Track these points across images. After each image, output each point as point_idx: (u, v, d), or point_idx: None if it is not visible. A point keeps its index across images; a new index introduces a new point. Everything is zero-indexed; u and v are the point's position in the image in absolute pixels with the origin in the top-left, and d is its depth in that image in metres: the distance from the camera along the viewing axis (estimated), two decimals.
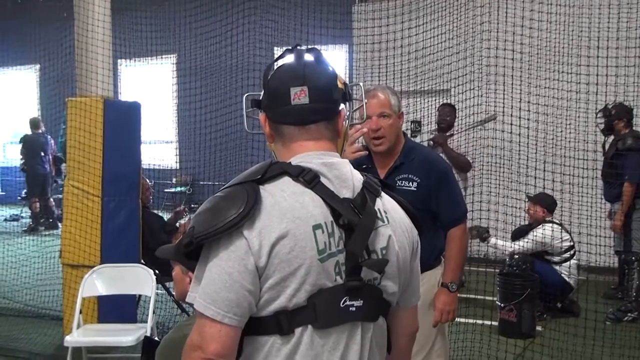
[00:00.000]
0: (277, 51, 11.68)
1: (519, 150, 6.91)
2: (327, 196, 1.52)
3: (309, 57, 1.62)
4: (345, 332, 1.53)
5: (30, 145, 12.10)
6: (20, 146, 12.32)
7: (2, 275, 7.71)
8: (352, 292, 1.51)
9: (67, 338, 4.33)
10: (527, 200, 6.51)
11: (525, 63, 7.32)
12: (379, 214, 1.59)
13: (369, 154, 3.09)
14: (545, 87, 7.33)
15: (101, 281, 4.63)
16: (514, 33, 6.66)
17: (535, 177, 6.31)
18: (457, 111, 7.09)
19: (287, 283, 1.45)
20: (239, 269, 1.43)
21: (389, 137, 3.00)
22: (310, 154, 1.58)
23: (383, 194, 1.65)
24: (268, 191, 1.49)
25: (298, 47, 1.65)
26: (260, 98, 1.65)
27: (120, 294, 4.80)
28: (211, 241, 1.44)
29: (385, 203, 1.65)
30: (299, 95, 1.57)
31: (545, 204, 6.29)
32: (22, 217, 12.88)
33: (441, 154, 6.70)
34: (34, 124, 12.32)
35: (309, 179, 1.52)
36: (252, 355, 1.49)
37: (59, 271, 6.01)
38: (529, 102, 6.82)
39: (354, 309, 1.52)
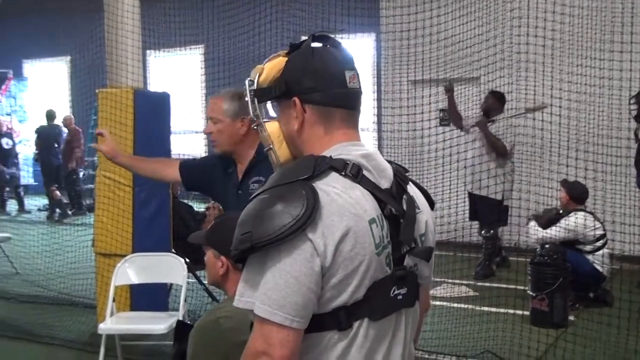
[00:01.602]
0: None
1: (551, 139, 6.82)
2: (373, 189, 1.51)
3: (341, 44, 1.61)
4: (393, 320, 1.55)
5: (45, 137, 12.45)
6: (35, 137, 12.68)
7: (36, 264, 7.84)
8: (399, 281, 1.53)
9: (101, 326, 4.39)
10: (558, 188, 6.43)
11: (556, 50, 7.22)
12: (415, 202, 1.61)
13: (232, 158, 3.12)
14: (577, 74, 7.21)
15: (133, 270, 4.67)
16: (544, 19, 6.55)
17: (567, 166, 6.22)
18: (503, 100, 7.17)
19: (350, 280, 1.44)
20: (306, 271, 1.40)
21: (220, 142, 3.03)
22: (345, 145, 1.56)
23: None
24: (321, 189, 1.45)
25: (327, 34, 1.62)
26: (278, 83, 1.58)
27: (152, 282, 4.85)
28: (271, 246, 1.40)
29: (414, 189, 1.67)
30: (353, 80, 1.57)
31: (574, 191, 6.20)
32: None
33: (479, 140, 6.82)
34: (49, 116, 12.66)
35: (355, 172, 1.50)
36: (307, 351, 1.47)
37: (92, 260, 6.09)
38: (560, 89, 6.73)
39: (400, 297, 1.54)
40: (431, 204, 1.73)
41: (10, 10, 14.37)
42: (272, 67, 1.60)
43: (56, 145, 12.45)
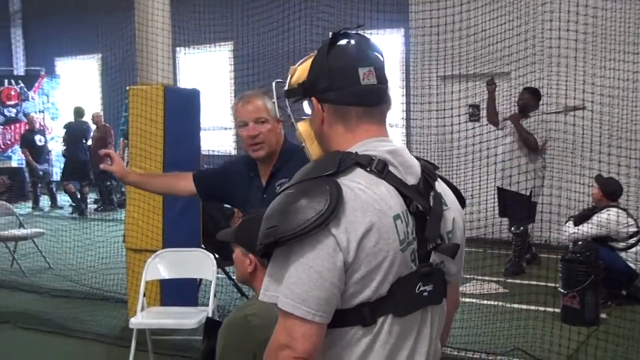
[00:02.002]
0: None
1: (583, 134, 6.72)
2: (399, 185, 1.51)
3: (362, 40, 1.61)
4: (418, 317, 1.55)
5: (73, 133, 12.68)
6: (63, 133, 12.93)
7: (69, 259, 7.96)
8: (425, 278, 1.53)
9: (132, 320, 4.44)
10: (591, 184, 6.33)
11: (589, 44, 7.12)
12: (442, 198, 1.60)
13: (254, 161, 3.03)
14: (610, 69, 7.10)
15: (163, 265, 4.70)
16: (577, 13, 6.45)
17: (600, 162, 6.13)
18: (539, 95, 7.10)
19: (373, 276, 1.45)
20: (328, 266, 1.41)
21: (268, 143, 2.91)
22: (372, 141, 1.57)
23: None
24: (345, 184, 1.46)
25: (350, 31, 1.62)
26: (301, 83, 1.62)
27: (182, 277, 4.89)
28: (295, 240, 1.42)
29: (442, 185, 1.66)
30: (368, 76, 1.56)
31: (608, 187, 6.11)
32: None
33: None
34: (77, 112, 12.93)
35: (380, 168, 1.50)
36: (331, 346, 1.49)
37: (123, 255, 6.17)
38: (593, 84, 6.62)
39: (426, 294, 1.53)
40: (462, 201, 1.72)
41: (43, 9, 14.60)
42: (304, 67, 1.63)
43: (84, 141, 12.67)
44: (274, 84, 1.73)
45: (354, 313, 1.46)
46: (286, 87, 1.67)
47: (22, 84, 15.31)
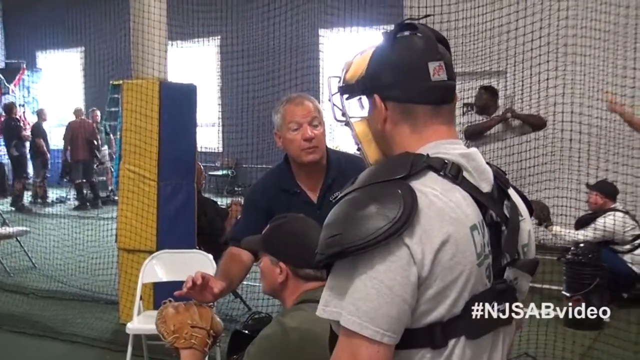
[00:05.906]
0: (322, 33, 11.57)
1: (589, 133, 6.64)
2: (474, 192, 1.36)
3: (429, 31, 1.45)
4: (490, 340, 1.40)
5: (3, 131, 12.73)
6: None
7: (55, 259, 7.76)
8: (499, 296, 1.37)
9: (129, 325, 4.25)
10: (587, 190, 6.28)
11: (600, 40, 7.03)
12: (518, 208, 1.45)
13: (290, 176, 2.73)
14: (622, 67, 7.00)
15: (160, 267, 4.52)
16: (567, 8, 6.36)
17: (608, 161, 6.06)
18: (497, 94, 6.94)
19: (448, 293, 1.29)
20: (401, 281, 1.25)
21: (321, 147, 2.66)
22: (442, 143, 1.41)
23: None
24: (419, 189, 1.30)
25: (416, 22, 1.46)
26: (360, 79, 1.46)
27: (180, 280, 4.69)
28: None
29: (514, 194, 1.50)
30: (438, 71, 1.40)
31: (605, 190, 6.06)
32: (68, 200, 13.00)
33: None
34: (7, 109, 12.90)
35: (455, 173, 1.35)
36: None
37: (113, 255, 5.97)
38: (604, 81, 6.54)
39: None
40: (530, 211, 1.57)
41: (24, 2, 14.31)
42: (361, 61, 1.47)
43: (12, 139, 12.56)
44: (328, 79, 1.56)
45: (424, 333, 1.31)
46: (340, 83, 1.51)
47: (2, 77, 14.97)
